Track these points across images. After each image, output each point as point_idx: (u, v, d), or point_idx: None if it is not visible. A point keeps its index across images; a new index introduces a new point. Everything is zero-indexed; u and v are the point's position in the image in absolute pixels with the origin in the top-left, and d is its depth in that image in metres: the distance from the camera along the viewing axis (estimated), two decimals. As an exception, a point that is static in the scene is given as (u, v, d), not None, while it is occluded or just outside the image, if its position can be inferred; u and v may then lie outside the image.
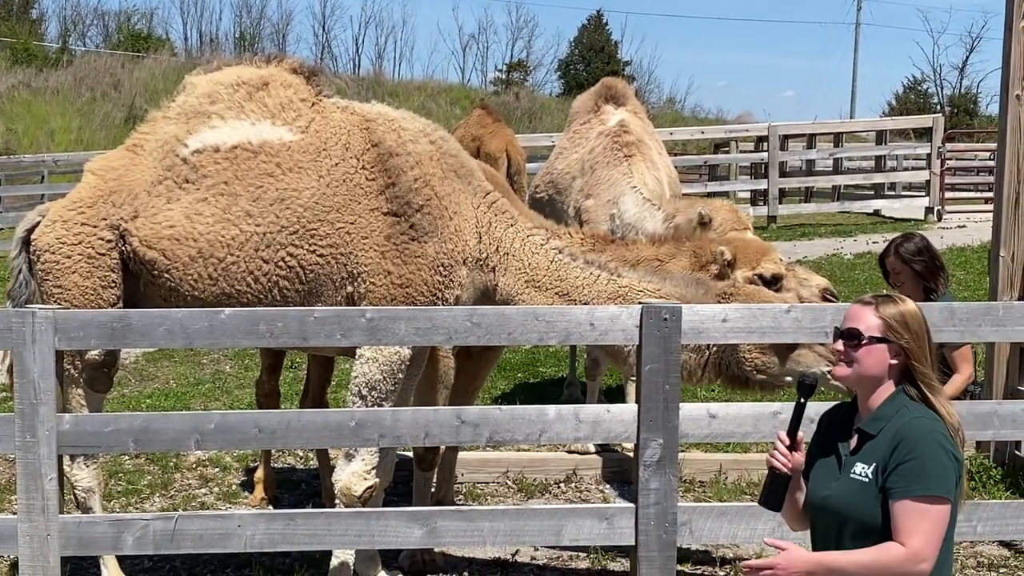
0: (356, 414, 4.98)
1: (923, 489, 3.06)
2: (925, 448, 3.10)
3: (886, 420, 3.20)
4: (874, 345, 3.23)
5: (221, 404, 9.51)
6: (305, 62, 5.99)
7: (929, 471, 3.07)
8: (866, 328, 3.24)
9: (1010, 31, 7.21)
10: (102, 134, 33.79)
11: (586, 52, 58.29)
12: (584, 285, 5.55)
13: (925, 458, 3.09)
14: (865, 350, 3.24)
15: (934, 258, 6.35)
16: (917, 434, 3.12)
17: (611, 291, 5.55)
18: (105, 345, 5.14)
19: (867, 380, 3.27)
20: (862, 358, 3.25)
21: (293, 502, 7.21)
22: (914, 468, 3.08)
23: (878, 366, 3.24)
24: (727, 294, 5.60)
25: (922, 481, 3.07)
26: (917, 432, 3.13)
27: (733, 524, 5.03)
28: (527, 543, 5.83)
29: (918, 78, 64.48)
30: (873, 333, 3.23)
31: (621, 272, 5.62)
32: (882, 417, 3.22)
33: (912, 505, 3.06)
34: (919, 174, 22.36)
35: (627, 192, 8.14)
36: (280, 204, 5.41)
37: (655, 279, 5.66)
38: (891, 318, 3.22)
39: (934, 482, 3.07)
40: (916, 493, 3.06)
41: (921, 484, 3.07)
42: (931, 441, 3.11)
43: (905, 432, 3.14)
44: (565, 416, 4.95)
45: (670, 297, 5.54)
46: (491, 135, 12.12)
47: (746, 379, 5.52)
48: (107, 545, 4.97)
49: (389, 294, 5.37)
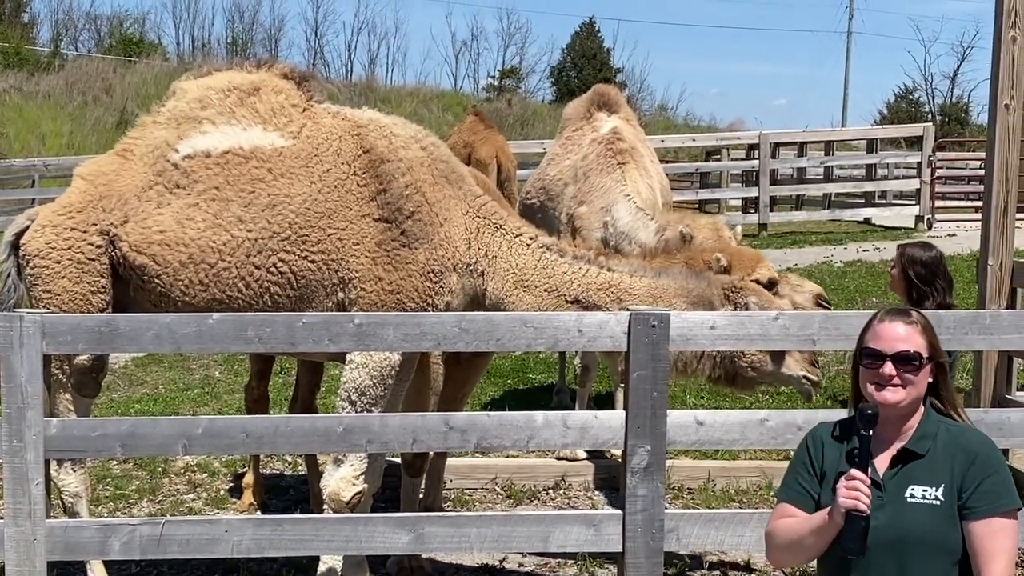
0: (344, 419, 4.98)
1: (1012, 502, 2.99)
2: (999, 461, 3.03)
3: (931, 438, 3.08)
4: (927, 366, 3.12)
5: (210, 409, 9.49)
6: (296, 67, 6.00)
7: (1009, 483, 3.01)
8: (920, 348, 3.10)
9: (999, 40, 7.24)
10: (93, 139, 33.70)
11: (578, 59, 58.26)
12: (573, 279, 5.55)
13: (1006, 472, 3.02)
14: (923, 372, 3.10)
15: (932, 272, 6.34)
16: (987, 448, 3.05)
17: (601, 283, 5.55)
18: (93, 350, 5.13)
19: (916, 403, 3.13)
20: (920, 381, 3.11)
21: (281, 508, 7.20)
22: (999, 482, 3.00)
23: (922, 386, 3.12)
24: (735, 288, 5.60)
25: (1010, 495, 3.00)
26: (984, 447, 3.05)
27: (720, 531, 5.03)
28: (514, 549, 5.82)
29: (909, 87, 64.59)
30: (927, 353, 3.11)
31: (612, 265, 5.63)
32: (927, 435, 3.09)
33: (1000, 522, 2.97)
34: (910, 183, 22.41)
35: (620, 200, 8.15)
36: (271, 210, 5.41)
37: (649, 272, 5.65)
38: (932, 334, 3.13)
39: (1015, 494, 3.00)
40: (1004, 508, 2.98)
41: (1010, 498, 2.99)
42: (998, 453, 3.06)
43: (975, 448, 3.04)
44: (553, 422, 4.95)
45: (667, 290, 5.54)
46: (482, 142, 12.14)
47: (735, 375, 5.54)
48: (94, 550, 4.96)
49: (380, 300, 5.37)
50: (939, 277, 6.34)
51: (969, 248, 15.76)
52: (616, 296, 5.51)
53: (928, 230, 20.05)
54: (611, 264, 5.65)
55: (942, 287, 6.32)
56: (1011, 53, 7.20)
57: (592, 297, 5.51)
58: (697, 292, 5.55)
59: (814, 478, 3.18)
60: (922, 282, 6.31)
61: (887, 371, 3.07)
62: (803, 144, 25.19)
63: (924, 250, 6.44)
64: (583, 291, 5.52)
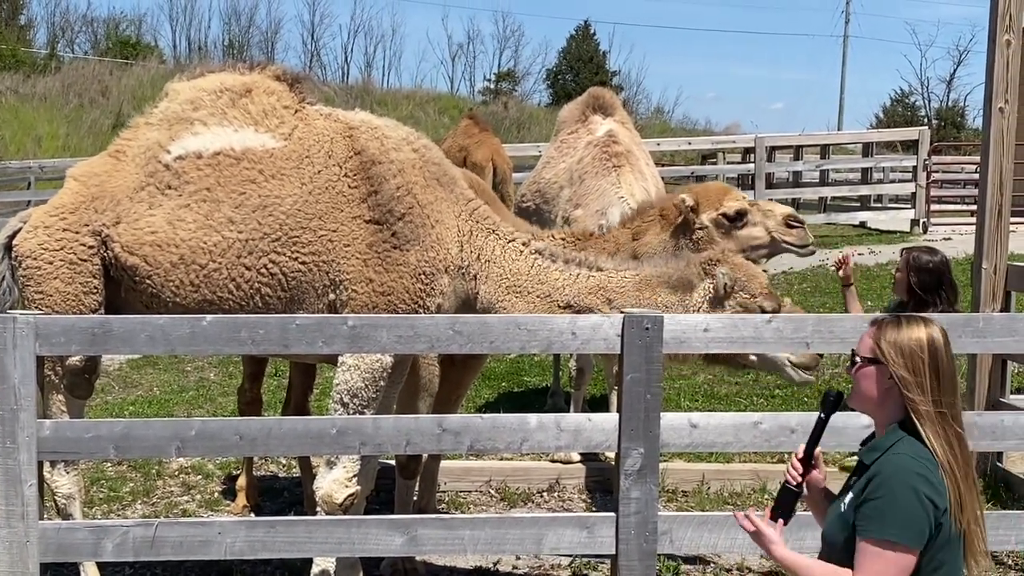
0: (337, 422, 4.98)
1: (879, 532, 2.94)
2: (892, 488, 2.96)
3: (880, 451, 3.08)
4: (866, 368, 3.13)
5: (205, 411, 9.49)
6: (289, 69, 5.99)
7: (888, 514, 2.95)
8: (861, 348, 3.16)
9: (994, 44, 7.25)
10: (89, 141, 33.66)
11: (574, 62, 58.34)
12: (565, 285, 5.57)
13: (888, 499, 2.96)
14: (861, 372, 3.14)
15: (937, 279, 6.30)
16: (888, 472, 2.99)
17: (591, 286, 5.57)
18: (86, 351, 5.12)
19: (864, 404, 3.17)
20: (858, 380, 3.16)
21: (275, 510, 7.20)
22: (877, 508, 2.97)
23: (869, 390, 3.12)
24: (712, 260, 5.61)
25: (879, 524, 2.95)
26: (889, 470, 3.00)
27: (714, 533, 5.03)
28: (508, 552, 5.83)
29: (905, 91, 64.81)
30: (864, 354, 3.14)
31: (600, 265, 5.64)
32: (877, 448, 3.10)
33: (866, 546, 2.96)
34: (905, 186, 22.42)
35: (615, 203, 8.15)
36: (262, 211, 5.41)
37: (633, 264, 5.73)
38: (886, 340, 3.09)
39: (892, 527, 2.94)
40: (871, 535, 2.96)
41: (878, 527, 2.95)
42: (901, 483, 2.97)
43: (879, 468, 3.02)
44: (546, 425, 4.96)
45: (651, 280, 5.57)
46: (477, 145, 12.16)
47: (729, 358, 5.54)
48: (87, 552, 4.95)
49: (371, 302, 5.37)
50: (944, 285, 6.29)
51: (964, 252, 15.74)
52: (606, 297, 5.54)
53: (924, 234, 20.06)
54: (600, 263, 5.67)
55: (947, 296, 6.28)
56: (1005, 56, 7.22)
57: (583, 301, 5.53)
58: (677, 275, 5.58)
59: None
60: (925, 290, 6.28)
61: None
62: (799, 148, 25.23)
63: (929, 255, 6.40)
64: (574, 296, 5.54)
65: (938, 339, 3.10)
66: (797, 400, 9.33)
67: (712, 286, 5.48)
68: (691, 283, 5.55)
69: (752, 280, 5.55)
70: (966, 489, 3.03)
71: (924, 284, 6.27)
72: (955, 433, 3.06)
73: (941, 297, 6.26)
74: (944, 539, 2.99)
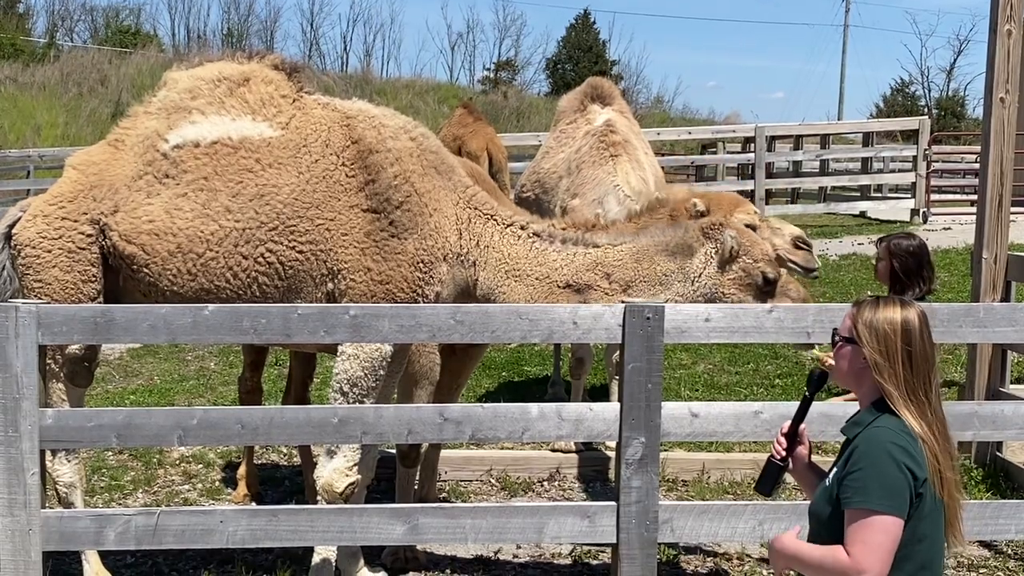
0: (339, 411, 4.99)
1: (863, 502, 3.00)
2: (872, 459, 3.03)
3: (861, 426, 3.16)
4: (846, 347, 3.22)
5: (205, 400, 9.50)
6: (287, 58, 5.99)
7: (869, 484, 3.01)
8: (840, 328, 3.27)
9: (995, 34, 7.24)
10: (89, 130, 33.65)
11: (574, 51, 58.22)
12: (563, 265, 5.58)
13: (869, 470, 3.02)
14: (839, 352, 3.25)
15: (919, 262, 6.38)
16: (867, 444, 3.07)
17: (588, 263, 5.58)
18: (88, 340, 5.13)
19: (845, 381, 3.29)
20: (838, 358, 3.26)
21: (276, 499, 7.21)
22: (858, 479, 3.03)
23: (850, 368, 3.22)
24: (716, 225, 5.62)
25: (862, 494, 3.01)
26: (868, 442, 3.07)
27: (714, 522, 5.05)
28: (509, 541, 5.83)
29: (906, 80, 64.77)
30: (843, 334, 3.24)
31: (596, 241, 5.65)
32: (858, 423, 3.18)
33: (854, 515, 3.02)
34: (905, 176, 22.39)
35: (611, 192, 8.15)
36: (260, 200, 5.41)
37: (627, 236, 5.69)
38: (861, 321, 3.18)
39: (875, 496, 3.00)
40: (856, 505, 3.01)
41: (862, 496, 3.01)
42: (880, 452, 3.03)
43: (859, 441, 3.11)
44: (547, 414, 4.97)
45: (647, 249, 5.57)
46: (472, 134, 12.15)
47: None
48: (89, 540, 4.97)
49: (369, 291, 5.38)
50: (924, 267, 6.39)
51: (964, 241, 15.77)
52: (603, 272, 5.55)
53: (923, 223, 20.06)
54: (596, 239, 5.67)
55: (927, 276, 6.36)
56: (1006, 46, 7.21)
57: (582, 278, 5.54)
58: (676, 241, 5.59)
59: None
60: (908, 274, 6.35)
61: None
62: (799, 137, 25.22)
63: (908, 240, 6.49)
64: (573, 275, 5.55)
65: (913, 321, 3.15)
66: (797, 390, 9.34)
67: (715, 249, 5.51)
68: (691, 247, 5.55)
69: (755, 246, 5.60)
70: (944, 461, 3.10)
71: (907, 268, 6.36)
72: (931, 409, 3.13)
73: (923, 279, 6.32)
74: (926, 510, 3.06)
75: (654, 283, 5.54)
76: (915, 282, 6.31)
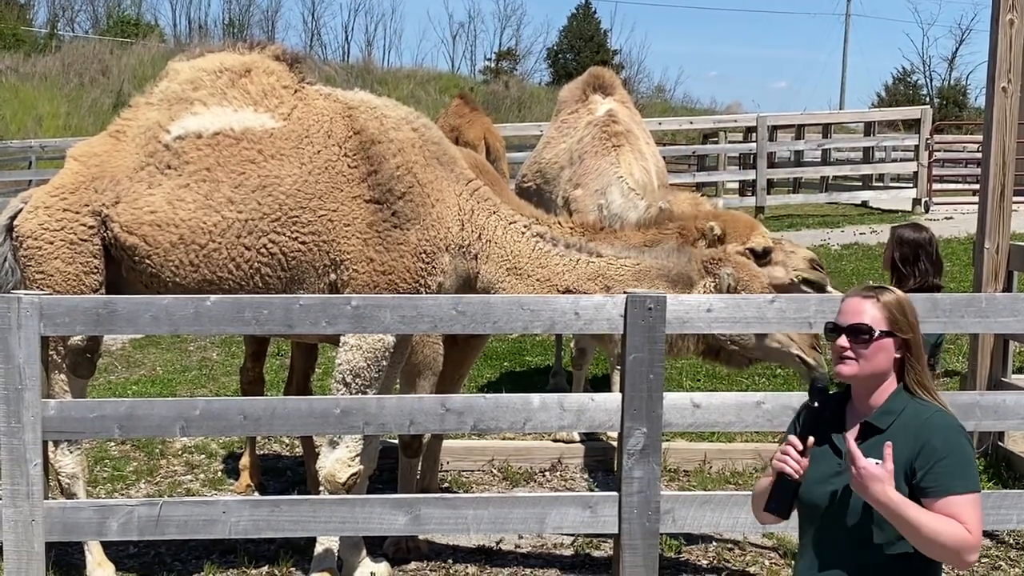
0: (341, 401, 4.99)
1: (966, 486, 3.01)
2: (959, 445, 3.06)
3: (895, 415, 3.12)
4: (883, 340, 3.13)
5: (208, 391, 9.51)
6: (288, 49, 5.99)
7: (966, 469, 3.04)
8: (873, 321, 3.13)
9: (997, 23, 7.22)
10: (90, 120, 33.63)
11: (575, 41, 58.06)
12: (565, 271, 5.59)
13: (959, 455, 3.04)
14: (876, 346, 3.12)
15: (916, 253, 6.37)
16: (947, 431, 3.07)
17: (590, 272, 5.60)
18: (91, 331, 5.13)
19: (875, 377, 3.16)
20: (872, 355, 3.13)
21: (279, 489, 7.22)
22: (953, 465, 3.02)
23: (887, 362, 3.15)
24: (715, 260, 5.62)
25: (962, 479, 3.01)
26: (946, 429, 3.07)
27: (716, 512, 5.05)
28: (511, 531, 5.84)
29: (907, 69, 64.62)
30: (882, 327, 3.12)
31: (600, 251, 5.65)
32: (891, 411, 3.13)
33: (959, 499, 3.00)
34: (907, 166, 22.40)
35: (614, 183, 8.14)
36: (262, 191, 5.41)
37: (632, 252, 5.71)
38: (896, 310, 3.14)
39: (972, 478, 3.04)
40: (960, 491, 3.00)
41: (962, 482, 3.01)
42: (960, 437, 3.07)
43: (932, 429, 3.07)
44: (549, 405, 4.97)
45: (649, 271, 5.59)
46: (469, 125, 12.14)
47: (719, 349, 5.57)
48: (91, 531, 4.98)
49: (372, 281, 5.38)
50: (922, 258, 6.36)
51: (966, 231, 15.77)
52: (604, 284, 5.58)
53: (925, 213, 20.06)
54: (600, 249, 5.67)
55: (925, 268, 6.34)
56: (1009, 36, 7.19)
57: (582, 287, 5.55)
58: (677, 270, 5.62)
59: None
60: (904, 262, 6.35)
61: (840, 343, 3.16)
62: (801, 127, 25.21)
63: (913, 231, 6.48)
64: (573, 281, 5.57)
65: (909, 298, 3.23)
66: (800, 381, 9.34)
67: (713, 285, 5.53)
68: (690, 279, 5.60)
69: (754, 280, 5.61)
70: None
71: (904, 257, 6.36)
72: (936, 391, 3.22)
73: (919, 270, 6.32)
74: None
75: None
76: (912, 272, 6.31)
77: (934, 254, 6.40)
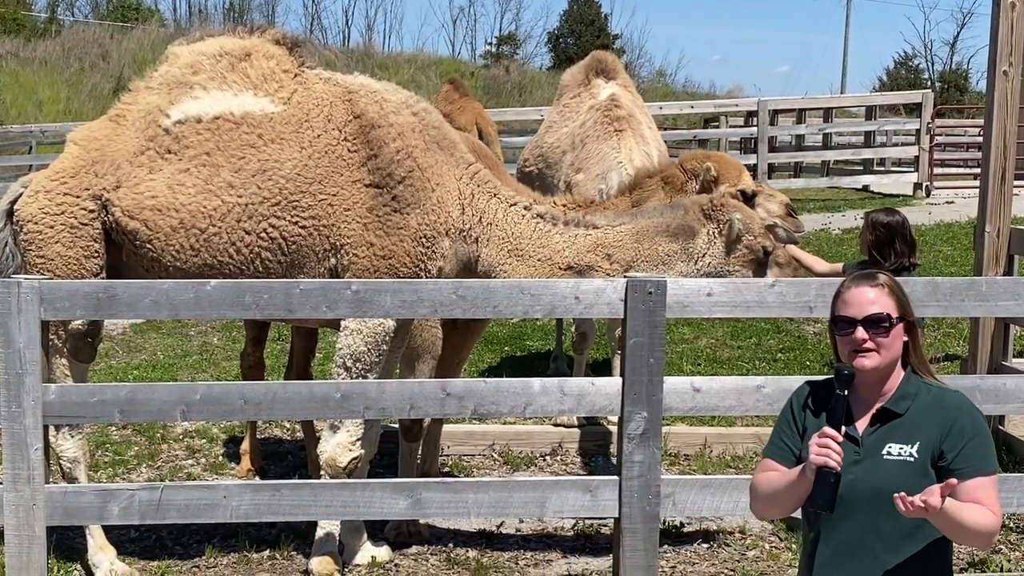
0: (342, 386, 4.99)
1: (989, 466, 3.05)
2: (981, 427, 3.09)
3: (911, 399, 3.11)
4: (898, 325, 3.11)
5: (208, 376, 9.52)
6: (288, 33, 5.98)
7: (989, 449, 3.07)
8: (888, 308, 3.10)
9: (999, 6, 7.20)
10: (90, 105, 33.53)
11: (576, 25, 57.88)
12: (565, 247, 5.62)
13: (982, 437, 3.06)
14: (894, 333, 3.10)
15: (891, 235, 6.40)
16: (971, 412, 3.10)
17: (589, 245, 5.64)
18: (91, 316, 5.13)
19: (891, 365, 3.13)
20: (891, 343, 3.10)
21: (280, 473, 7.23)
22: (979, 446, 3.04)
23: (900, 347, 3.13)
24: (714, 206, 5.72)
25: (983, 459, 3.04)
26: (970, 410, 3.10)
27: (716, 496, 5.05)
28: (511, 515, 5.85)
29: (909, 53, 64.49)
30: (896, 313, 3.10)
31: (595, 222, 5.68)
32: (906, 396, 3.12)
33: (985, 480, 3.02)
34: (908, 150, 22.37)
35: (614, 167, 8.14)
36: (262, 175, 5.41)
37: (627, 217, 5.78)
38: (899, 292, 3.14)
39: (993, 458, 3.08)
40: (984, 472, 3.03)
41: (984, 462, 3.04)
42: (980, 418, 3.11)
43: (957, 410, 3.08)
44: (550, 389, 4.97)
45: (647, 230, 5.65)
46: (460, 111, 12.12)
47: None
48: (93, 515, 4.99)
49: (372, 266, 5.38)
50: (897, 240, 6.40)
51: (967, 215, 15.74)
52: (604, 253, 5.61)
53: (927, 197, 20.04)
54: (595, 220, 5.72)
55: (900, 250, 6.37)
56: (1010, 19, 7.17)
57: (583, 260, 5.58)
58: (676, 223, 5.68)
59: (796, 435, 3.24)
60: (880, 245, 6.38)
61: (859, 336, 3.09)
62: (802, 111, 25.15)
63: (886, 215, 6.52)
64: (575, 256, 5.59)
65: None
66: (800, 364, 9.36)
67: (718, 229, 5.62)
68: (692, 229, 5.63)
69: (753, 221, 5.75)
70: None
71: (879, 241, 6.39)
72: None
73: (895, 251, 6.35)
74: None
75: (656, 263, 5.59)
76: (887, 254, 6.36)
77: (908, 236, 6.46)
